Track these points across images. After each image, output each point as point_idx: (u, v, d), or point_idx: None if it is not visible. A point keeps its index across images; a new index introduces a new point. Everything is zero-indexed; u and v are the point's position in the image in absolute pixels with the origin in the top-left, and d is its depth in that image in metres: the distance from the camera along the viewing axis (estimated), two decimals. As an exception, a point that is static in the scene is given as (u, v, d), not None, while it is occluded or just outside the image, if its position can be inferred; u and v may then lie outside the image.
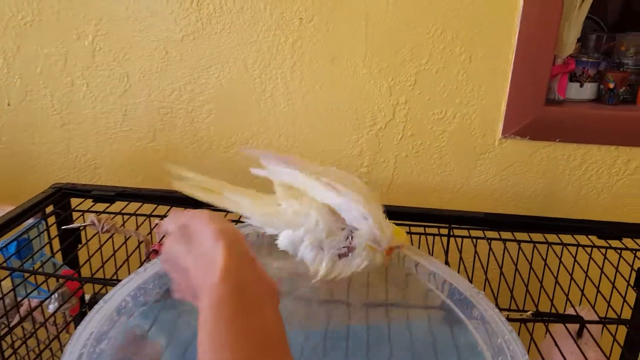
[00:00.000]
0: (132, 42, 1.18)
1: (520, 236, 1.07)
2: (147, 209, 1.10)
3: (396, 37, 1.13)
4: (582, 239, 1.07)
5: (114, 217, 1.04)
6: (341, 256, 0.75)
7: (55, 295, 0.98)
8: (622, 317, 1.01)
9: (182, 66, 1.19)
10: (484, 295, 0.80)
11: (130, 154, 1.27)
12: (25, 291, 0.94)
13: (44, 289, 0.97)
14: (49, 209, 1.07)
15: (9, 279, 0.90)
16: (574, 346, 0.88)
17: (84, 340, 0.68)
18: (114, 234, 1.02)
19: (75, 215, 1.11)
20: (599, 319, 0.93)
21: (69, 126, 1.26)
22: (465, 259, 1.03)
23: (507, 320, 0.74)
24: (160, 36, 1.17)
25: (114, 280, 0.97)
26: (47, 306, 0.99)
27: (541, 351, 0.87)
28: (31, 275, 0.95)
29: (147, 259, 1.03)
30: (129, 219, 1.09)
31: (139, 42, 1.18)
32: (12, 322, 0.91)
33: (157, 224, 1.07)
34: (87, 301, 1.09)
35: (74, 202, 1.11)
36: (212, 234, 0.53)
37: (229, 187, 0.80)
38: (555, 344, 0.83)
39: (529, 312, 0.92)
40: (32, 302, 0.99)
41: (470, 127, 1.18)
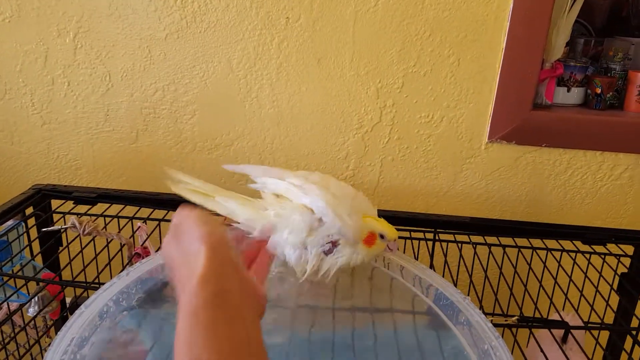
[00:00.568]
0: (115, 40, 1.16)
1: (505, 241, 1.07)
2: (130, 211, 1.09)
3: (384, 39, 1.12)
4: (567, 244, 1.08)
5: (95, 220, 1.02)
6: (327, 253, 0.77)
7: (35, 298, 0.96)
8: (605, 320, 1.02)
9: (166, 65, 1.17)
10: (470, 300, 0.79)
11: (112, 155, 1.25)
12: (4, 295, 0.93)
13: (23, 292, 0.96)
14: (29, 210, 1.05)
15: (-13, 282, 0.88)
16: (559, 352, 0.88)
17: (64, 346, 0.67)
18: (95, 236, 1.01)
19: (55, 217, 1.09)
20: (583, 324, 0.93)
21: (50, 126, 1.23)
22: (450, 263, 1.03)
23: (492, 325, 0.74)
24: (143, 34, 1.15)
25: (96, 283, 0.95)
26: (26, 310, 0.97)
27: (526, 356, 0.87)
28: (10, 278, 0.93)
29: (129, 262, 1.02)
30: (111, 221, 1.07)
31: (121, 40, 1.16)
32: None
33: (139, 227, 1.06)
34: (68, 305, 1.07)
35: (55, 203, 1.09)
36: (198, 237, 0.53)
37: (221, 191, 0.83)
38: (540, 350, 0.83)
39: (514, 317, 0.92)
40: (12, 306, 0.97)
41: (457, 131, 1.18)
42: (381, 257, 0.89)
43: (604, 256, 1.05)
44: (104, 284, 0.78)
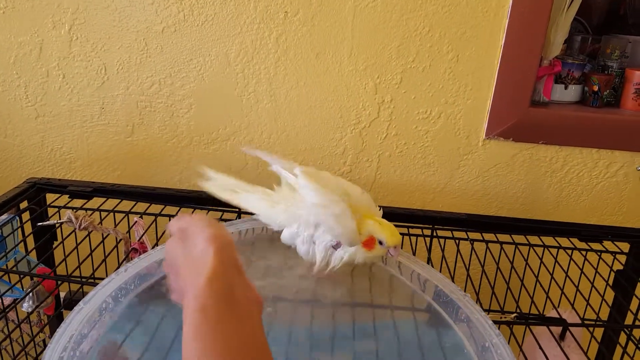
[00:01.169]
0: (111, 33, 1.15)
1: (502, 237, 1.07)
2: (126, 205, 1.08)
3: (383, 34, 1.12)
4: (564, 241, 1.08)
5: (91, 214, 1.01)
6: (335, 247, 0.80)
7: (30, 294, 0.95)
8: (600, 315, 1.02)
9: (163, 59, 1.16)
10: (470, 297, 0.80)
11: (107, 149, 1.23)
12: (-2, 290, 0.91)
13: (18, 287, 0.94)
14: (24, 204, 1.04)
15: (-19, 278, 0.87)
16: (557, 349, 0.88)
17: (64, 342, 0.66)
18: (91, 231, 0.99)
19: (50, 211, 1.07)
20: (581, 321, 0.93)
21: (44, 118, 1.21)
22: (447, 259, 1.03)
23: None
24: (140, 27, 1.14)
25: (92, 279, 0.94)
26: (21, 305, 0.96)
27: (523, 353, 0.87)
28: (5, 274, 0.91)
29: (126, 257, 1.01)
30: (107, 216, 1.06)
31: (117, 32, 1.15)
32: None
33: (136, 222, 1.05)
34: (62, 301, 1.06)
35: (50, 197, 1.08)
36: (205, 238, 0.54)
37: (245, 186, 0.88)
38: (539, 347, 0.83)
39: (513, 315, 0.93)
40: (6, 301, 0.96)
41: (454, 128, 1.18)
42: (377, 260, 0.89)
43: (600, 253, 1.05)
44: (100, 279, 0.78)
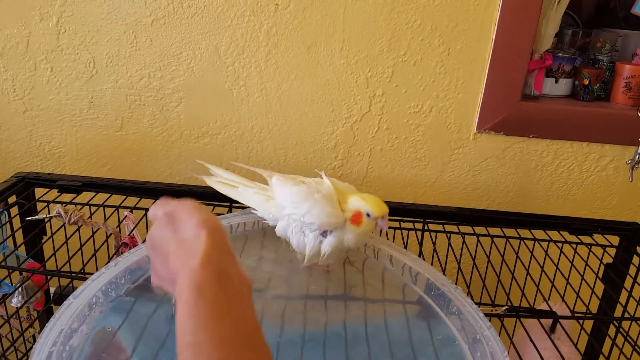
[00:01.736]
0: (99, 25, 1.13)
1: (493, 231, 1.08)
2: (116, 200, 1.07)
3: (374, 27, 1.11)
4: (554, 234, 1.08)
5: (81, 209, 1.00)
6: (324, 235, 0.80)
7: (19, 289, 0.94)
8: (590, 307, 1.03)
9: (152, 52, 1.15)
10: (461, 290, 0.80)
11: (96, 143, 1.22)
12: (-14, 286, 0.91)
13: (7, 282, 0.94)
14: (12, 199, 1.02)
15: (-31, 273, 0.86)
16: (548, 341, 0.89)
17: (53, 337, 0.66)
18: (81, 225, 0.99)
19: (39, 205, 1.06)
20: (571, 314, 0.94)
21: (32, 112, 1.20)
22: (438, 252, 1.03)
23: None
24: (129, 20, 1.13)
25: (82, 274, 0.93)
26: (9, 301, 0.95)
27: (514, 345, 0.88)
28: (-7, 269, 0.91)
29: (116, 252, 1.00)
30: (97, 210, 1.05)
31: (106, 25, 1.13)
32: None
33: (126, 216, 1.04)
34: (52, 296, 1.05)
35: (38, 192, 1.07)
36: (195, 222, 0.54)
37: (244, 181, 0.90)
38: (530, 340, 0.83)
39: (504, 307, 0.93)
40: (-6, 297, 0.95)
41: (446, 121, 1.18)
42: (371, 247, 0.89)
43: (590, 246, 1.06)
44: (90, 274, 0.77)
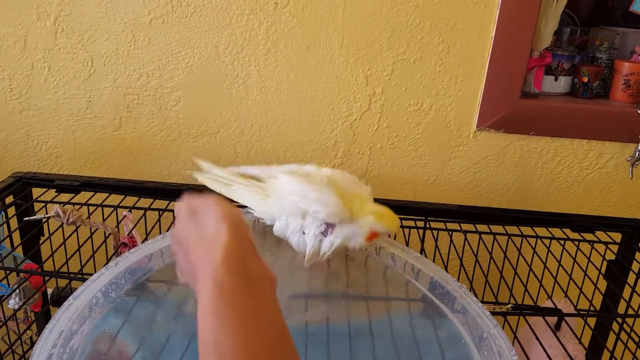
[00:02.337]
0: (97, 24, 1.12)
1: (495, 228, 1.07)
2: (114, 200, 1.06)
3: (374, 25, 1.11)
4: (556, 232, 1.08)
5: (79, 209, 0.99)
6: (324, 234, 0.78)
7: (16, 290, 0.93)
8: (593, 303, 1.03)
9: (150, 50, 1.14)
10: (466, 288, 0.79)
11: (94, 143, 1.21)
12: (-16, 287, 0.89)
13: (4, 284, 0.92)
14: (9, 199, 1.01)
15: (-33, 274, 0.85)
16: (553, 339, 0.88)
17: (53, 339, 0.65)
18: (79, 226, 0.98)
19: (37, 206, 1.05)
20: (576, 312, 0.94)
21: (29, 112, 1.19)
22: (440, 250, 1.03)
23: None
24: (127, 18, 1.12)
25: (80, 274, 0.92)
26: (7, 302, 0.94)
27: (520, 343, 0.87)
28: (-9, 270, 0.89)
29: (115, 252, 0.99)
30: (95, 210, 1.04)
31: (104, 24, 1.12)
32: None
33: (125, 216, 1.03)
34: (50, 297, 1.03)
35: (36, 192, 1.06)
36: (217, 216, 0.55)
37: (238, 179, 0.87)
38: (535, 337, 0.83)
39: (508, 306, 0.93)
40: (-9, 298, 0.94)
41: (445, 119, 1.18)
42: (373, 245, 0.89)
43: (592, 243, 1.06)
44: (88, 275, 0.76)
